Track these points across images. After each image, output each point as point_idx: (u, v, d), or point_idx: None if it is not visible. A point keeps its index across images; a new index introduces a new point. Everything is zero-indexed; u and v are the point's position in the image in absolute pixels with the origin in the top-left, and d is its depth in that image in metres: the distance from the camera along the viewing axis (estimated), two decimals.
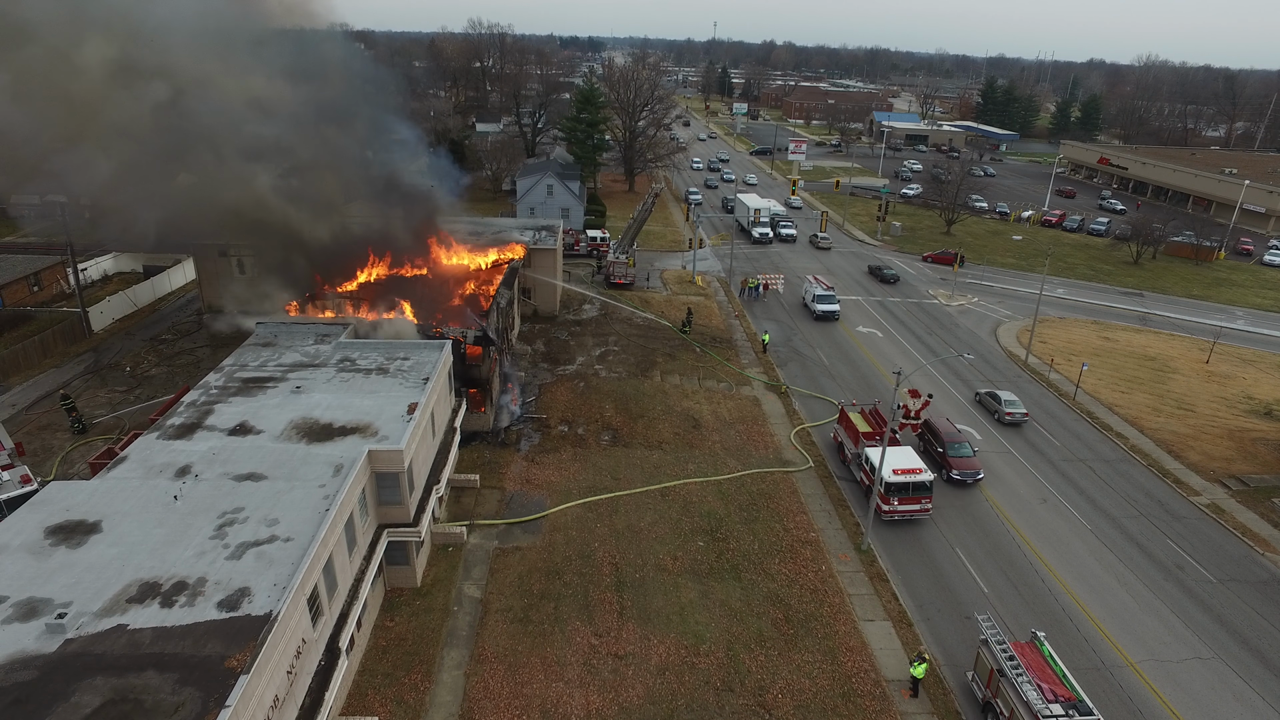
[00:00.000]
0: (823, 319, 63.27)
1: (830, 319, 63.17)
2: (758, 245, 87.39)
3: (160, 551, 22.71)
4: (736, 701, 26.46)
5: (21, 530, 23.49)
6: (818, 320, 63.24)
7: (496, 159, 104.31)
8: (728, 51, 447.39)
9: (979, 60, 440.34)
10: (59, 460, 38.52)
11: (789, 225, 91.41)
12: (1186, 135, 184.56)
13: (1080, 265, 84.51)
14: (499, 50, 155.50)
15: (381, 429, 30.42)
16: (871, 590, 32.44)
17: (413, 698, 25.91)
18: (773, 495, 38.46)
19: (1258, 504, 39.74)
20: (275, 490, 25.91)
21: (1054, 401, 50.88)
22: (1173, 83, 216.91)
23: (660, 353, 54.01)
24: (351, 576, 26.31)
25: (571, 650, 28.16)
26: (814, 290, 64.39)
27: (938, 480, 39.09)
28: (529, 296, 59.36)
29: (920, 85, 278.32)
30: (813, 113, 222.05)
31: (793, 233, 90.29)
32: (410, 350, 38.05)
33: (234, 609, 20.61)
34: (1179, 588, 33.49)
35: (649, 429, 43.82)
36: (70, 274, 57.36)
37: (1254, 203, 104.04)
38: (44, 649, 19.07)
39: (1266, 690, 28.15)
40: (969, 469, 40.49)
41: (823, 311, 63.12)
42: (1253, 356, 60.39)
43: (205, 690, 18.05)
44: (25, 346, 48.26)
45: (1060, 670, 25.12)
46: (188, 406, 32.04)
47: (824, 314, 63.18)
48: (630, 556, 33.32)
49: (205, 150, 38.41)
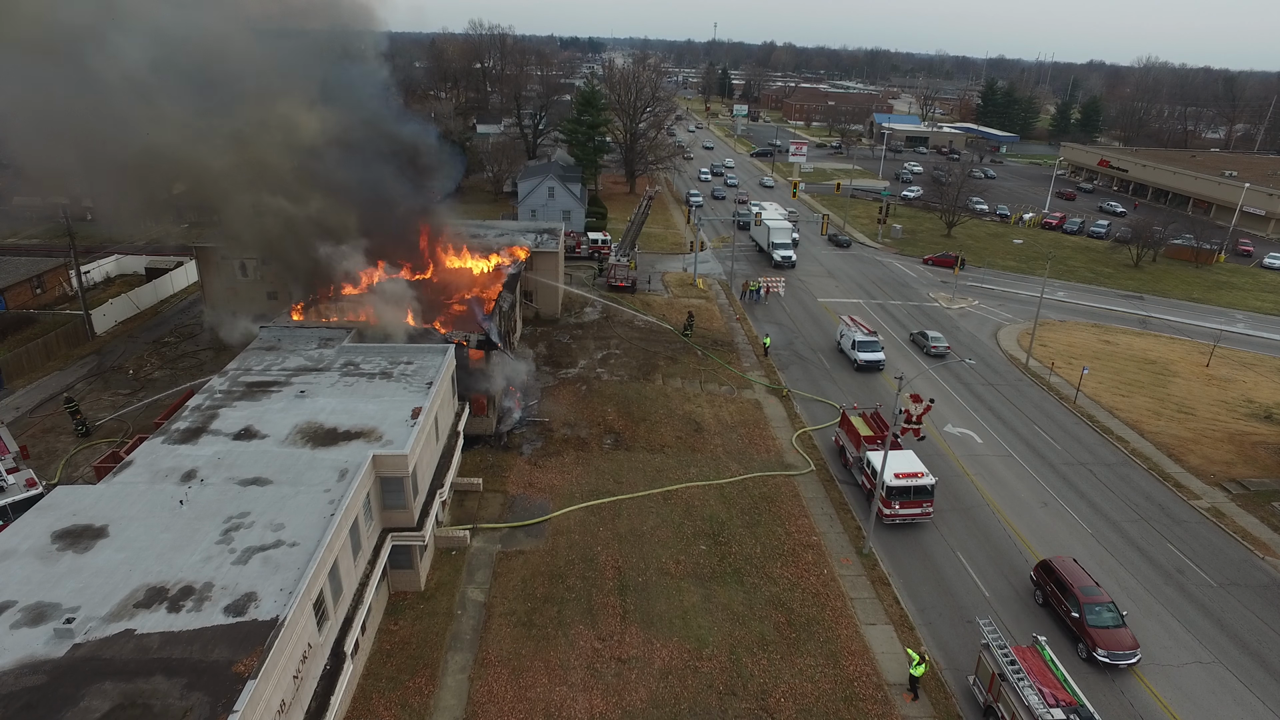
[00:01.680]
0: (866, 369, 54.52)
1: (874, 369, 54.53)
2: (780, 270, 78.83)
3: (167, 556, 22.83)
4: (739, 705, 26.59)
5: (29, 535, 23.61)
6: (859, 371, 54.39)
7: (498, 161, 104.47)
8: (728, 52, 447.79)
9: (979, 61, 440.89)
10: (63, 463, 38.66)
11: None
12: (1186, 137, 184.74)
13: (1081, 268, 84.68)
14: (499, 51, 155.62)
15: (386, 433, 30.56)
16: (873, 594, 32.58)
17: (417, 701, 26.04)
18: (775, 499, 38.60)
19: (1258, 508, 39.87)
20: (280, 495, 26.03)
21: (1055, 405, 51.02)
22: (1172, 84, 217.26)
23: (662, 356, 54.15)
24: (356, 581, 26.43)
25: (575, 654, 28.29)
26: (853, 335, 55.26)
27: (1072, 656, 29.29)
28: (531, 299, 59.51)
29: (920, 87, 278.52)
30: (813, 114, 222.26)
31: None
32: (414, 354, 38.19)
33: (241, 614, 20.73)
34: (1179, 592, 33.63)
35: (651, 432, 43.96)
36: (73, 276, 57.53)
37: (1254, 205, 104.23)
38: (53, 654, 19.20)
39: (1267, 695, 28.28)
40: (1120, 648, 28.52)
41: (866, 361, 54.12)
42: (1253, 360, 60.54)
43: (213, 695, 18.18)
44: (29, 349, 48.40)
45: (1061, 675, 25.25)
46: (192, 410, 32.18)
47: (867, 364, 54.22)
48: (633, 560, 33.46)
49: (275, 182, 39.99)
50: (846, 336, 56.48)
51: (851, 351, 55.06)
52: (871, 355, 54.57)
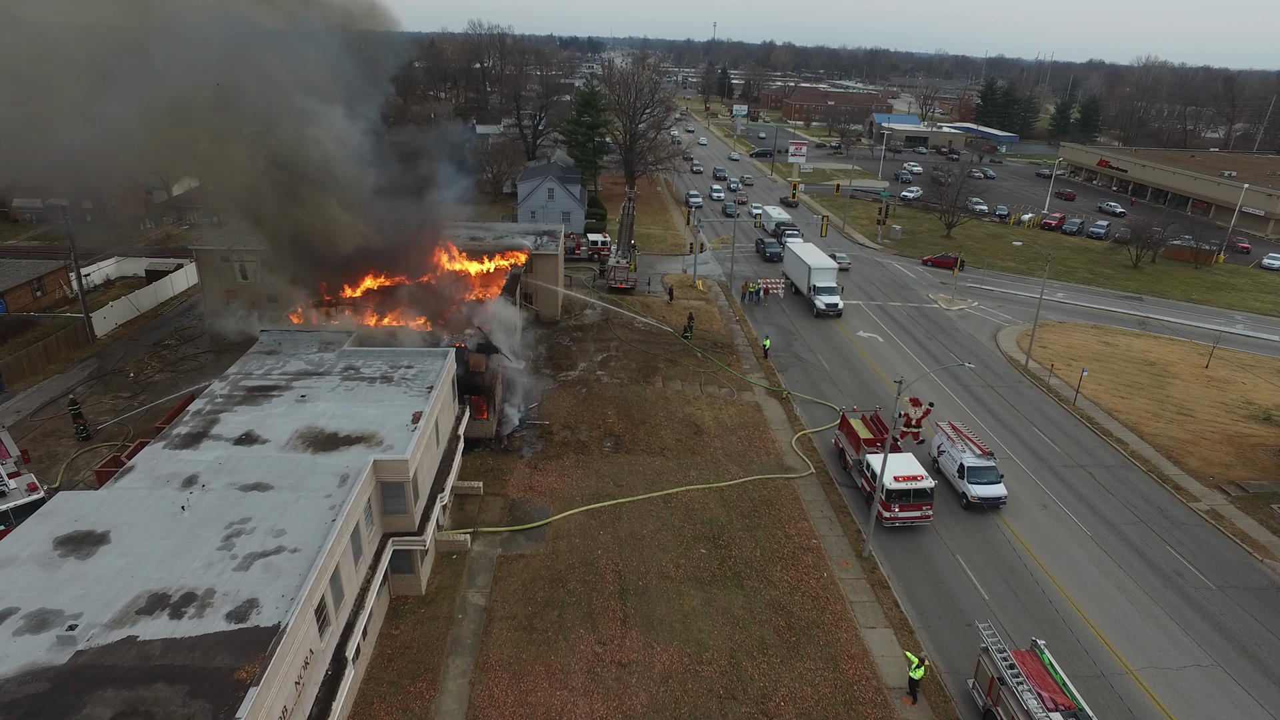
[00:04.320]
0: (978, 507, 38.49)
1: (995, 505, 38.60)
2: (824, 318, 65.36)
3: (169, 562, 22.91)
4: (739, 709, 26.67)
5: (31, 541, 23.68)
6: (967, 509, 38.76)
7: (497, 161, 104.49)
8: (727, 52, 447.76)
9: (978, 61, 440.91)
10: (64, 467, 38.72)
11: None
12: (1186, 137, 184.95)
13: (1080, 269, 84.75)
14: (499, 51, 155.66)
15: (386, 438, 30.63)
16: (873, 597, 32.66)
17: (418, 707, 26.11)
18: (774, 502, 38.67)
19: (1257, 510, 39.96)
20: (282, 500, 26.10)
21: (1054, 407, 51.10)
22: (1172, 84, 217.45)
23: (662, 358, 54.21)
24: (357, 586, 26.51)
25: (575, 658, 28.37)
26: (962, 457, 39.18)
27: None
28: (531, 302, 59.56)
29: (920, 86, 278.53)
30: (812, 114, 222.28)
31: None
32: (414, 358, 38.26)
33: (242, 620, 20.81)
34: (1178, 594, 33.71)
35: (651, 435, 44.03)
36: (73, 279, 57.56)
37: (1253, 206, 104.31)
38: (55, 661, 19.27)
39: (1265, 698, 28.37)
40: None
41: (982, 497, 38.16)
42: (1252, 361, 60.62)
43: (215, 702, 18.25)
44: (29, 352, 48.42)
45: (1060, 678, 25.33)
46: (193, 415, 32.25)
47: (984, 500, 38.20)
48: (633, 564, 33.53)
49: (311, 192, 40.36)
50: (949, 454, 40.55)
51: (959, 480, 39.12)
52: (989, 490, 38.21)
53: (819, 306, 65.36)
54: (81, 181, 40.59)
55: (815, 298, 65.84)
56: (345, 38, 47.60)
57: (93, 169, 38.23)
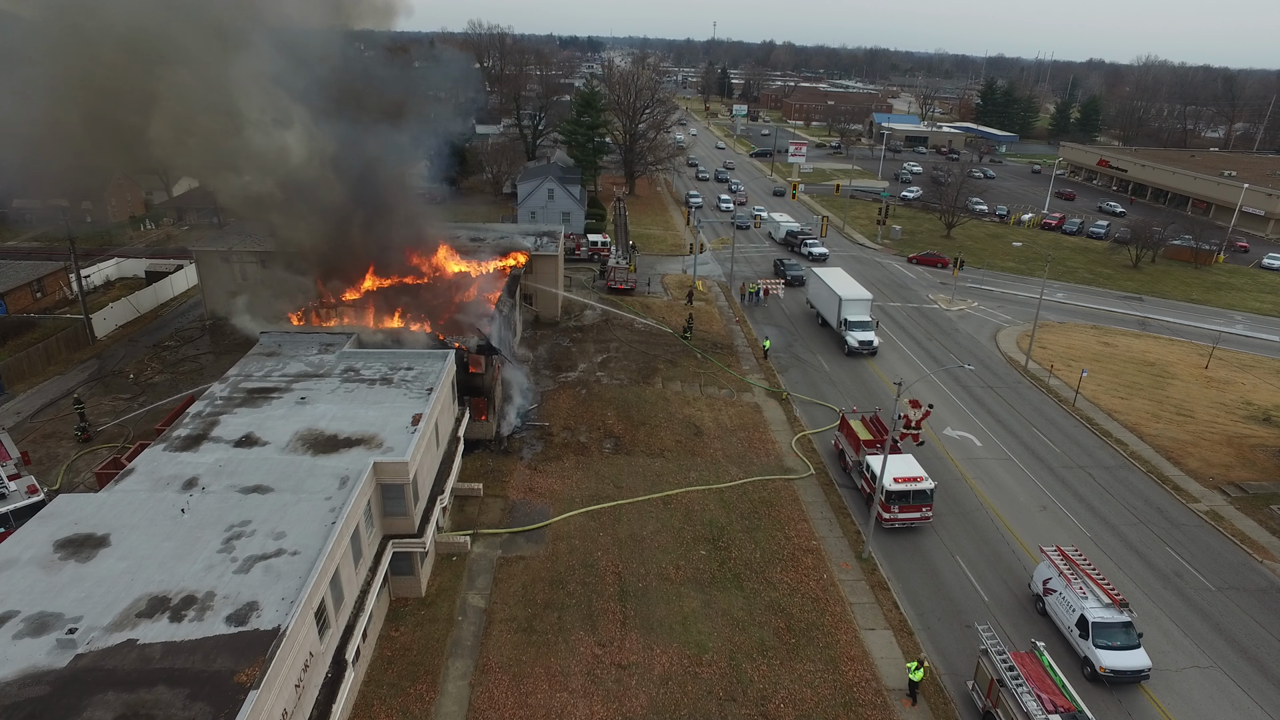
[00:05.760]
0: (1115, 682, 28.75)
1: (1132, 681, 28.84)
2: (856, 356, 57.71)
3: (169, 565, 22.92)
4: (739, 711, 26.69)
5: (31, 544, 23.69)
6: (1090, 680, 28.95)
7: (497, 162, 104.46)
8: (727, 52, 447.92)
9: (978, 60, 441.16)
10: (64, 469, 38.74)
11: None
12: (1186, 136, 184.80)
13: (1080, 269, 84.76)
14: (499, 51, 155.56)
15: (386, 440, 30.64)
16: (872, 599, 32.68)
17: (418, 709, 26.14)
18: (774, 503, 38.69)
19: (1256, 511, 39.99)
20: (282, 503, 26.12)
21: (1054, 408, 51.11)
22: (1172, 83, 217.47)
23: (661, 359, 54.20)
24: (357, 588, 26.53)
25: (575, 660, 28.39)
26: (1084, 607, 29.58)
27: None
28: (531, 303, 59.57)
29: (920, 86, 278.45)
30: (812, 114, 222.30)
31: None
32: (414, 360, 38.26)
33: (242, 623, 20.82)
34: (1178, 596, 33.73)
35: (651, 436, 44.04)
36: (73, 280, 57.57)
37: (1253, 205, 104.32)
38: (55, 664, 19.28)
39: (1265, 699, 28.39)
40: None
41: (1116, 670, 28.41)
42: (1251, 362, 60.63)
43: (215, 705, 18.27)
44: (29, 354, 48.45)
45: (1060, 680, 25.37)
46: (193, 417, 32.26)
47: (1119, 674, 28.45)
48: (633, 565, 33.55)
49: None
50: (1068, 603, 30.58)
51: (1083, 642, 29.44)
52: (1125, 660, 28.57)
53: (851, 344, 57.23)
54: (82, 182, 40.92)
55: (847, 333, 57.78)
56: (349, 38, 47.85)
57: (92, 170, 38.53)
